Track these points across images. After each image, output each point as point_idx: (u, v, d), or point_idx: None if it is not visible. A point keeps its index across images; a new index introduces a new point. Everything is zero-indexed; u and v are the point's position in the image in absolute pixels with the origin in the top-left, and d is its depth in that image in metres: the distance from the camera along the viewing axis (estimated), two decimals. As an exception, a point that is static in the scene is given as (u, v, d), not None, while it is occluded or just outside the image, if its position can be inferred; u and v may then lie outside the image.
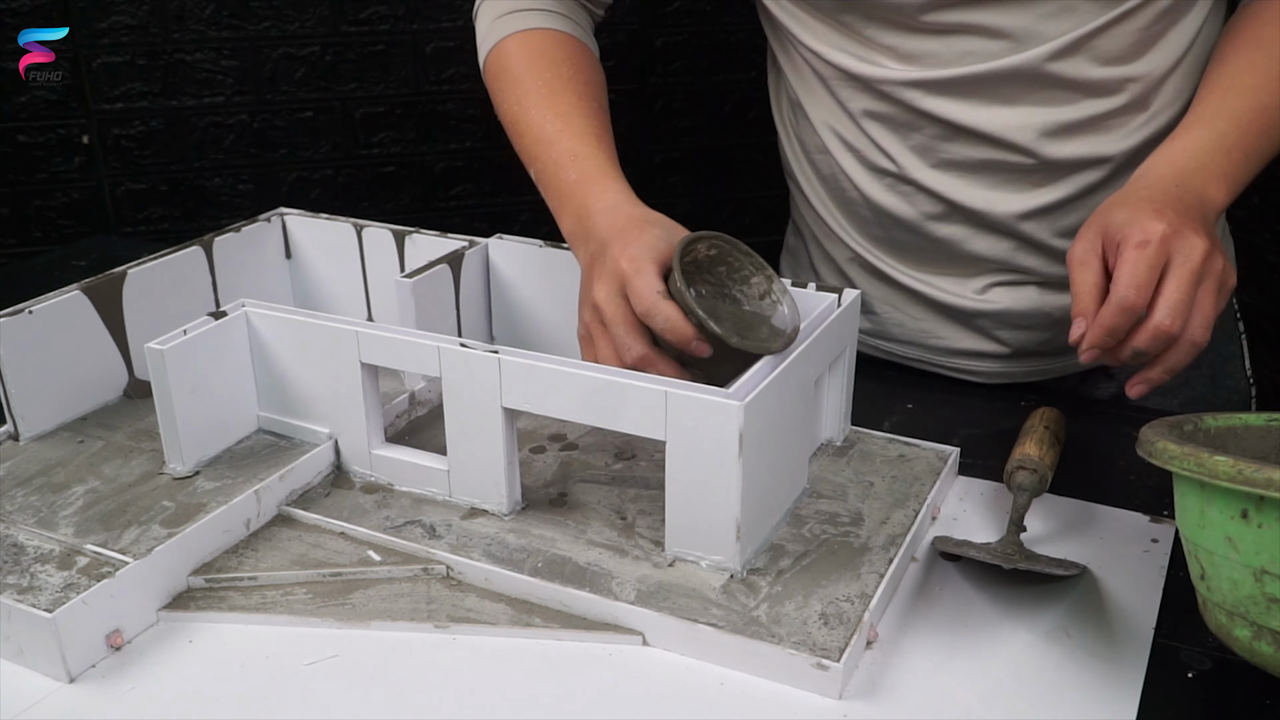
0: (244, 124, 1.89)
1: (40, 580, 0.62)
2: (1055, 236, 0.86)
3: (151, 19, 1.80)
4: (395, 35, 1.89)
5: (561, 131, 0.81)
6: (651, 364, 0.67)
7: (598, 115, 0.83)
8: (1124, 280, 0.65)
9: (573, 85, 0.84)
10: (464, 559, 0.66)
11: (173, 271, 0.85)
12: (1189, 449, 0.52)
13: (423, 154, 1.96)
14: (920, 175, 0.86)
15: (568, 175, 0.79)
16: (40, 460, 0.75)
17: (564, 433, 0.80)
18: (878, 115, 0.85)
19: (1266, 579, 0.51)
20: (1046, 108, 0.81)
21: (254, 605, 0.64)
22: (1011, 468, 0.73)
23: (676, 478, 0.63)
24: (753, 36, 1.99)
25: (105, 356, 0.82)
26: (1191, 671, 0.59)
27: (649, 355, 0.67)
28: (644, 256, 0.68)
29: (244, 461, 0.74)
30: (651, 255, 0.68)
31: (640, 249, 0.69)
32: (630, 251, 0.68)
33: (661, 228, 0.72)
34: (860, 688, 0.58)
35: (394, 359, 0.70)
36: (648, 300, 0.66)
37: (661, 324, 0.66)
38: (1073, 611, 0.64)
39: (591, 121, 0.82)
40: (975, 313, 0.90)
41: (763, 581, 0.64)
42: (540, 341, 0.87)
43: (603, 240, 0.72)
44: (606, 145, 0.81)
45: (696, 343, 0.66)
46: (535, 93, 0.84)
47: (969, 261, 0.89)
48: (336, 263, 0.94)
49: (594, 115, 0.83)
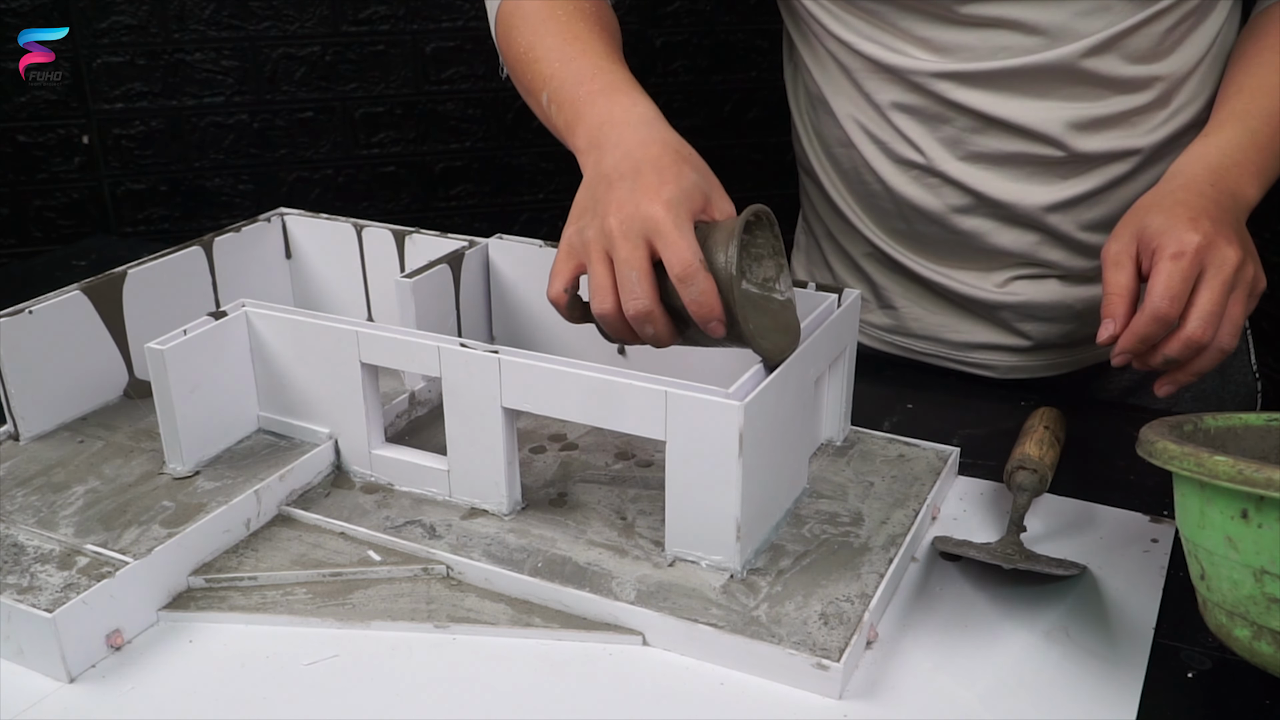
0: (244, 124, 1.89)
1: (40, 580, 0.62)
2: (1080, 230, 0.87)
3: (151, 19, 1.80)
4: (395, 35, 1.89)
5: (583, 52, 0.76)
6: (653, 321, 0.63)
7: (618, 49, 0.80)
8: (1159, 291, 0.67)
9: (592, 21, 0.80)
10: (464, 559, 0.66)
11: (173, 271, 0.85)
12: (1189, 449, 0.52)
13: (423, 154, 1.97)
14: (948, 167, 0.86)
15: (590, 86, 0.73)
16: (40, 460, 0.75)
17: (564, 433, 0.80)
18: (907, 107, 0.86)
19: (1266, 579, 0.51)
20: (1077, 103, 0.82)
21: (254, 605, 0.64)
22: (1011, 468, 0.73)
23: (676, 478, 0.63)
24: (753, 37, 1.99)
25: (105, 356, 0.82)
26: (1191, 671, 0.59)
27: (654, 313, 0.63)
28: (683, 206, 0.63)
29: (244, 461, 0.74)
30: (689, 206, 0.64)
31: (678, 194, 0.64)
32: (666, 195, 0.63)
33: (697, 171, 0.67)
34: (860, 688, 0.58)
35: (394, 359, 0.70)
36: (690, 267, 0.61)
37: (694, 295, 0.61)
38: (1073, 611, 0.64)
39: (611, 49, 0.78)
40: (997, 305, 0.91)
41: (763, 581, 0.64)
42: (540, 341, 0.87)
43: (633, 161, 0.66)
44: (628, 70, 0.77)
45: (716, 323, 0.62)
46: (553, 20, 0.80)
47: (992, 255, 0.89)
48: (336, 263, 0.94)
49: (614, 47, 0.79)
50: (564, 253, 0.67)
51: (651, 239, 0.63)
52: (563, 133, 0.75)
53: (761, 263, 0.69)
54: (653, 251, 0.63)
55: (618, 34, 0.84)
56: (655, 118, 0.71)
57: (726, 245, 0.63)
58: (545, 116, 0.78)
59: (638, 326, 0.64)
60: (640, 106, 0.72)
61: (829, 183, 0.95)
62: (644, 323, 0.63)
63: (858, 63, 0.87)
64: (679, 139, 0.70)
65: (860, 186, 0.92)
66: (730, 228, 0.63)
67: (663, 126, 0.70)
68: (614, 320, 0.65)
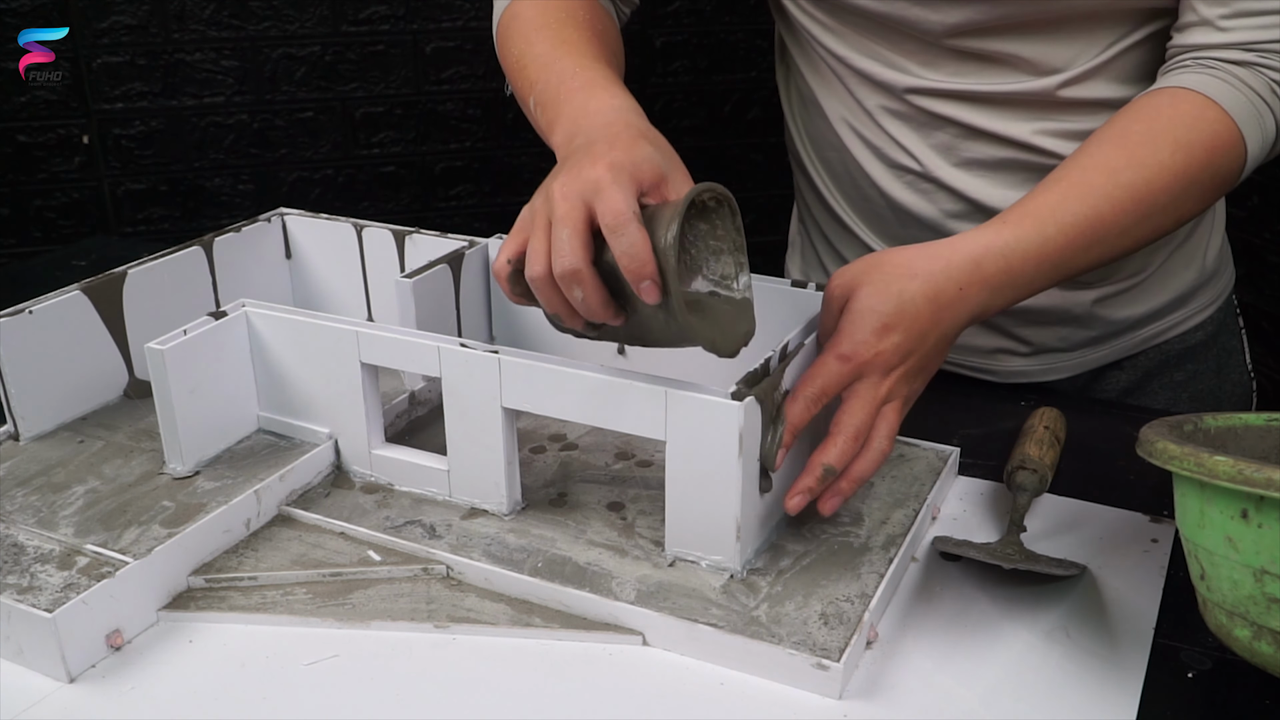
0: (244, 124, 1.89)
1: (40, 580, 0.62)
2: None
3: (151, 19, 1.80)
4: (395, 35, 1.89)
5: (568, 55, 0.76)
6: (581, 282, 0.60)
7: (611, 57, 0.80)
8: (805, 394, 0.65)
9: (584, 28, 0.81)
10: (464, 559, 0.66)
11: (173, 271, 0.85)
12: (1189, 449, 0.52)
13: (423, 154, 1.97)
14: (942, 174, 0.86)
15: (571, 84, 0.73)
16: (40, 460, 0.75)
17: (564, 433, 0.80)
18: (896, 113, 0.86)
19: (1266, 579, 0.51)
20: (1061, 121, 0.82)
21: (254, 605, 0.64)
22: (1011, 468, 0.73)
23: (676, 478, 0.63)
24: (753, 37, 1.99)
25: (105, 356, 0.82)
26: (1191, 671, 0.59)
27: (581, 273, 0.59)
28: (625, 168, 0.60)
29: (244, 461, 0.74)
30: (633, 170, 0.61)
31: (623, 159, 0.61)
32: (613, 158, 0.61)
33: (656, 147, 0.64)
34: (860, 688, 0.58)
35: (394, 359, 0.70)
36: (622, 216, 0.58)
37: (625, 247, 0.58)
38: (1073, 611, 0.64)
39: (602, 53, 0.78)
40: None
41: (763, 581, 0.64)
42: (540, 341, 0.87)
43: (590, 139, 0.65)
44: (616, 71, 0.77)
45: (649, 284, 0.58)
46: (545, 29, 0.80)
47: None
48: (336, 263, 0.94)
49: (606, 55, 0.79)
50: (514, 228, 0.65)
51: (589, 199, 0.60)
52: (545, 133, 0.75)
53: (720, 258, 0.65)
54: (592, 215, 0.60)
55: (612, 39, 0.84)
56: (630, 108, 0.70)
57: (670, 221, 0.59)
58: (534, 120, 0.77)
59: (567, 289, 0.60)
60: (618, 99, 0.70)
61: (822, 185, 0.95)
62: (572, 284, 0.60)
63: (845, 69, 0.87)
64: (648, 124, 0.68)
65: (855, 190, 0.92)
66: (677, 204, 0.60)
67: (634, 114, 0.69)
68: (545, 284, 0.61)
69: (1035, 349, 0.92)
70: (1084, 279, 0.89)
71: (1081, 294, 0.89)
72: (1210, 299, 0.94)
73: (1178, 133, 0.71)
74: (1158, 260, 0.90)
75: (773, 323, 0.75)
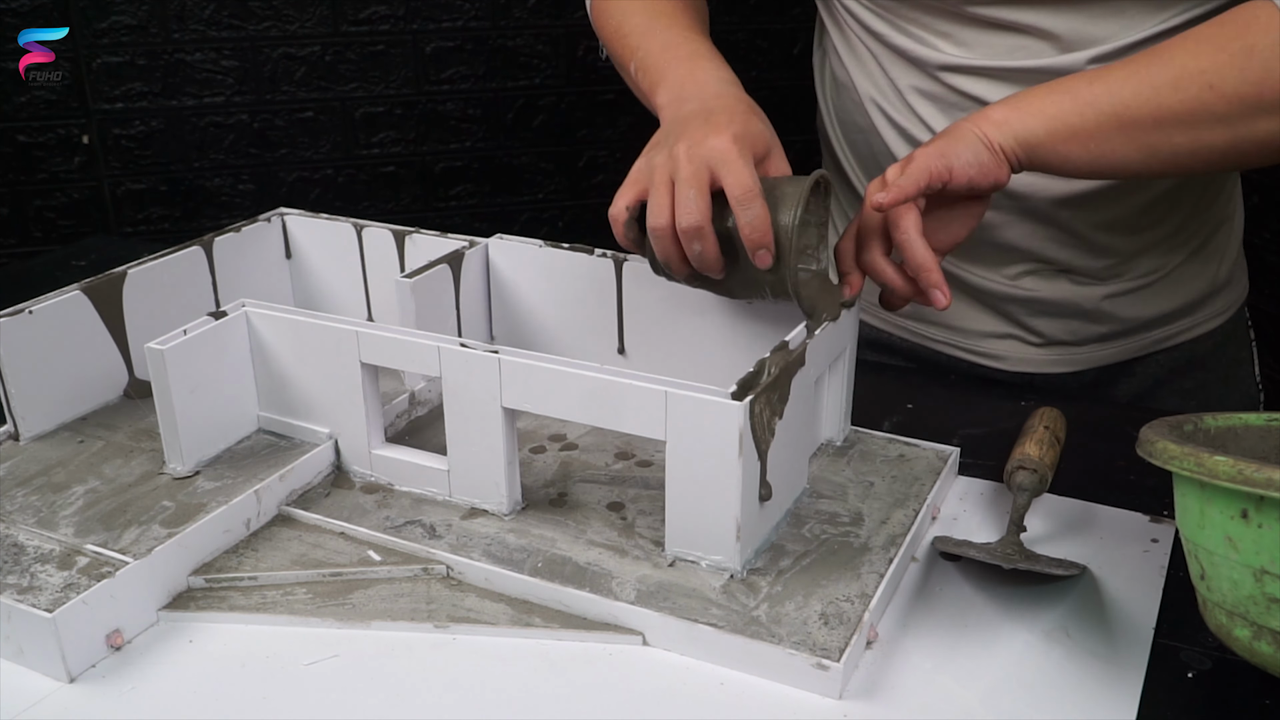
0: (244, 124, 1.89)
1: (40, 580, 0.62)
2: (1092, 229, 0.87)
3: (151, 19, 1.80)
4: (395, 35, 1.89)
5: (668, 27, 0.84)
6: (702, 239, 0.67)
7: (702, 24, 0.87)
8: None
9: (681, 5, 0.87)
10: (464, 559, 0.66)
11: (173, 271, 0.85)
12: (1189, 449, 0.52)
13: (423, 154, 1.97)
14: None
15: (676, 53, 0.80)
16: (40, 460, 0.75)
17: (564, 433, 0.80)
18: (926, 93, 0.87)
19: (1266, 579, 0.51)
20: None
21: (254, 605, 0.64)
22: (1011, 468, 0.73)
23: (676, 478, 0.63)
24: (753, 37, 1.99)
25: (105, 356, 0.82)
26: (1191, 671, 0.59)
27: (704, 230, 0.67)
28: (747, 144, 0.69)
29: (244, 461, 0.74)
30: (753, 146, 0.69)
31: (745, 133, 0.69)
32: (735, 130, 0.69)
33: (766, 125, 0.73)
34: (860, 688, 0.58)
35: (394, 359, 0.70)
36: (750, 191, 0.66)
37: (749, 219, 0.66)
38: (1073, 611, 0.64)
39: (695, 23, 0.85)
40: (1008, 298, 0.91)
41: (763, 581, 0.64)
42: (540, 341, 0.87)
43: (708, 107, 0.72)
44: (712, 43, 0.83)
45: (764, 252, 0.67)
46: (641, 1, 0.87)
47: (1003, 250, 0.89)
48: (336, 263, 0.94)
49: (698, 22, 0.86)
50: (630, 178, 0.71)
51: (714, 167, 0.67)
52: (647, 94, 0.81)
53: (807, 230, 0.73)
54: (714, 182, 0.67)
55: (703, 12, 0.90)
56: (734, 81, 0.77)
57: (795, 203, 0.67)
58: (633, 83, 0.85)
59: (687, 243, 0.68)
60: (722, 71, 0.78)
61: (849, 169, 0.97)
62: (693, 239, 0.67)
63: (880, 47, 0.88)
64: (752, 101, 0.75)
65: (879, 173, 0.93)
66: (799, 185, 0.68)
67: (739, 87, 0.76)
68: (665, 236, 0.68)
69: (1045, 340, 0.93)
70: (1097, 274, 0.89)
71: (1093, 288, 0.90)
72: (1222, 308, 0.95)
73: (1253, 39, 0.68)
74: (1172, 263, 0.90)
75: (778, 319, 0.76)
